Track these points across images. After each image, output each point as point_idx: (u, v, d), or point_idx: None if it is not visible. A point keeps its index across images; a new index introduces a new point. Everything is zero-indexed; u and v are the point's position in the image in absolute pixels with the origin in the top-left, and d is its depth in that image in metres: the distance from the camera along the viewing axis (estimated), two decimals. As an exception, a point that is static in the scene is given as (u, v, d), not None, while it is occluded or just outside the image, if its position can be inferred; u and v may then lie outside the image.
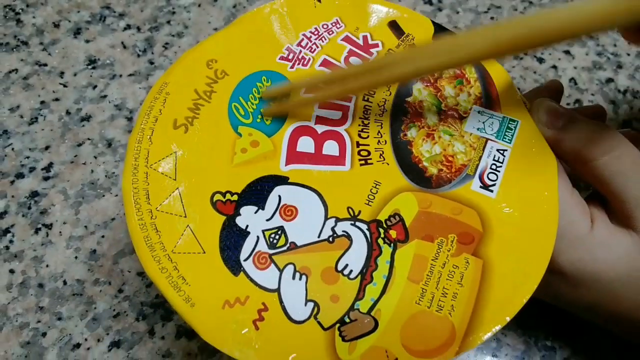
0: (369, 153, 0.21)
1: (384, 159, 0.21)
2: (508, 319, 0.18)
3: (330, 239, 0.19)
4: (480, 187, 0.20)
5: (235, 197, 0.20)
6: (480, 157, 0.21)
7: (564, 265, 0.21)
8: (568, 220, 0.21)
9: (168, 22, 0.37)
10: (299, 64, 0.23)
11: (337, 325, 0.18)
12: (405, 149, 0.21)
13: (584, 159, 0.21)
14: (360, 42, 0.24)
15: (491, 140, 0.21)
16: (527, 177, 0.21)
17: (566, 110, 0.22)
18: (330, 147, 0.21)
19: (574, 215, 0.21)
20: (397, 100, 0.22)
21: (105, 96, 0.34)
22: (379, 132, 0.22)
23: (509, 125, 0.22)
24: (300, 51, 0.23)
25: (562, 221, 0.20)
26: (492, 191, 0.20)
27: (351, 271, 0.19)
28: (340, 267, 0.19)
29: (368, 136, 0.21)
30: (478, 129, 0.22)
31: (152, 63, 0.35)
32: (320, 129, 0.21)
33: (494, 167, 0.21)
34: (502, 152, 0.21)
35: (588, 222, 0.21)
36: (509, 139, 0.21)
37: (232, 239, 0.19)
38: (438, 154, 0.21)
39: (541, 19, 0.17)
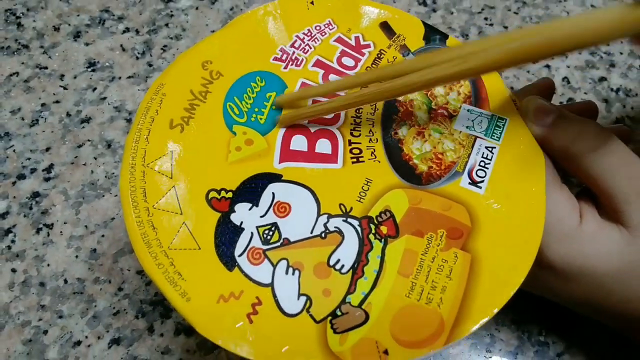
0: (361, 151, 0.21)
1: (376, 157, 0.21)
2: (495, 311, 0.18)
3: (323, 234, 0.20)
4: (469, 183, 0.21)
5: (230, 195, 0.20)
6: (469, 154, 0.21)
7: (554, 260, 0.21)
8: (557, 215, 0.21)
9: (166, 24, 0.38)
10: (292, 64, 0.23)
11: (329, 318, 0.18)
12: (396, 147, 0.22)
13: (572, 155, 0.22)
14: (353, 42, 0.24)
15: (480, 137, 0.22)
16: (515, 174, 0.21)
17: (555, 107, 0.22)
18: (323, 146, 0.22)
19: (563, 210, 0.21)
20: (389, 100, 0.23)
21: (104, 98, 0.35)
22: (370, 130, 0.22)
23: (498, 123, 0.22)
24: (294, 52, 0.24)
25: (551, 216, 0.21)
26: (480, 187, 0.21)
27: (343, 266, 0.19)
28: (332, 262, 0.19)
29: (360, 135, 0.22)
30: (467, 127, 0.22)
31: (150, 65, 0.36)
32: (313, 127, 0.22)
33: (482, 164, 0.21)
34: (490, 149, 0.21)
35: (577, 217, 0.22)
36: (497, 137, 0.22)
37: (227, 235, 0.20)
38: (428, 152, 0.22)
39: (553, 28, 0.17)
